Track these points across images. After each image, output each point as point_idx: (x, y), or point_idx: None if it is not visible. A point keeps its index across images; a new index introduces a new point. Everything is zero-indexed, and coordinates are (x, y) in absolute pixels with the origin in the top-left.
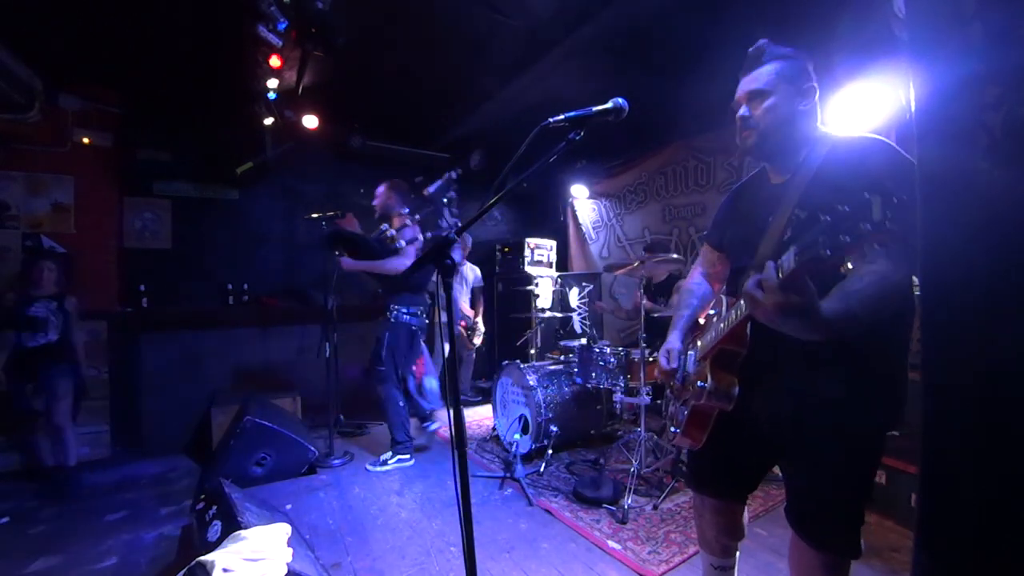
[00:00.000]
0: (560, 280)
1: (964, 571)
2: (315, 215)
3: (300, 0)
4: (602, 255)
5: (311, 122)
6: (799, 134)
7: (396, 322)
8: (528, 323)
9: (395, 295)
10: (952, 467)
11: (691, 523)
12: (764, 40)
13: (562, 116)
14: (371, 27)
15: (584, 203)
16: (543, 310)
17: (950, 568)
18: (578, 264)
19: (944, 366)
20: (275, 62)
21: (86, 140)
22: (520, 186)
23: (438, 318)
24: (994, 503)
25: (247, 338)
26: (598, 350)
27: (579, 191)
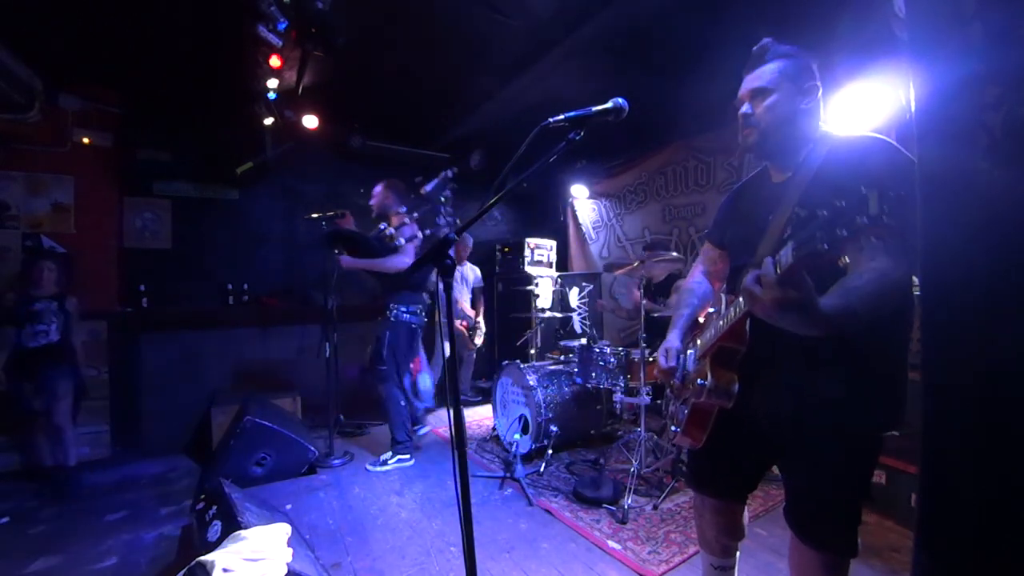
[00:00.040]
0: (560, 280)
1: (964, 571)
2: (315, 215)
3: (300, 0)
4: (602, 255)
5: (311, 122)
6: (800, 132)
7: (397, 321)
8: (528, 323)
9: (394, 294)
10: (952, 467)
11: (691, 523)
12: (768, 39)
13: (562, 116)
14: (371, 27)
15: (584, 203)
16: (543, 310)
17: (950, 568)
18: (578, 264)
19: (944, 366)
20: (275, 62)
21: (86, 140)
22: (520, 186)
23: (439, 318)
24: (994, 503)
25: (247, 338)
26: (598, 350)
27: (579, 191)
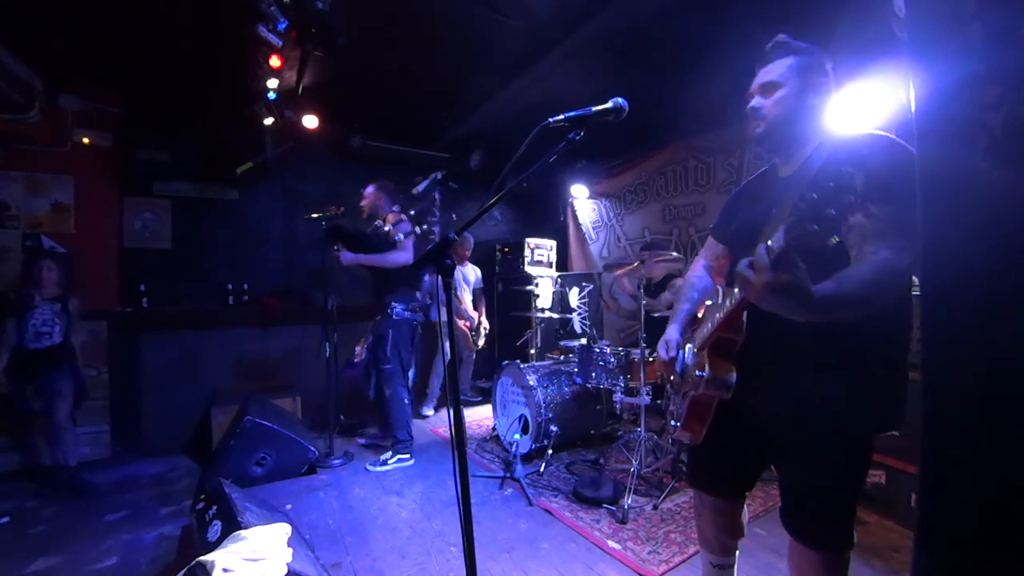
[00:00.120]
0: (560, 280)
1: (964, 571)
2: (315, 215)
3: (300, 0)
4: (602, 255)
5: (311, 122)
6: (808, 127)
7: (399, 319)
8: (528, 323)
9: (393, 292)
10: (952, 467)
11: (691, 523)
12: (783, 35)
13: (562, 116)
14: (371, 27)
15: (584, 203)
16: (543, 310)
17: (950, 568)
18: (578, 264)
19: (944, 366)
20: (275, 62)
21: (86, 140)
22: (520, 186)
23: (440, 318)
24: (994, 503)
25: (247, 338)
26: (598, 350)
27: (579, 191)
